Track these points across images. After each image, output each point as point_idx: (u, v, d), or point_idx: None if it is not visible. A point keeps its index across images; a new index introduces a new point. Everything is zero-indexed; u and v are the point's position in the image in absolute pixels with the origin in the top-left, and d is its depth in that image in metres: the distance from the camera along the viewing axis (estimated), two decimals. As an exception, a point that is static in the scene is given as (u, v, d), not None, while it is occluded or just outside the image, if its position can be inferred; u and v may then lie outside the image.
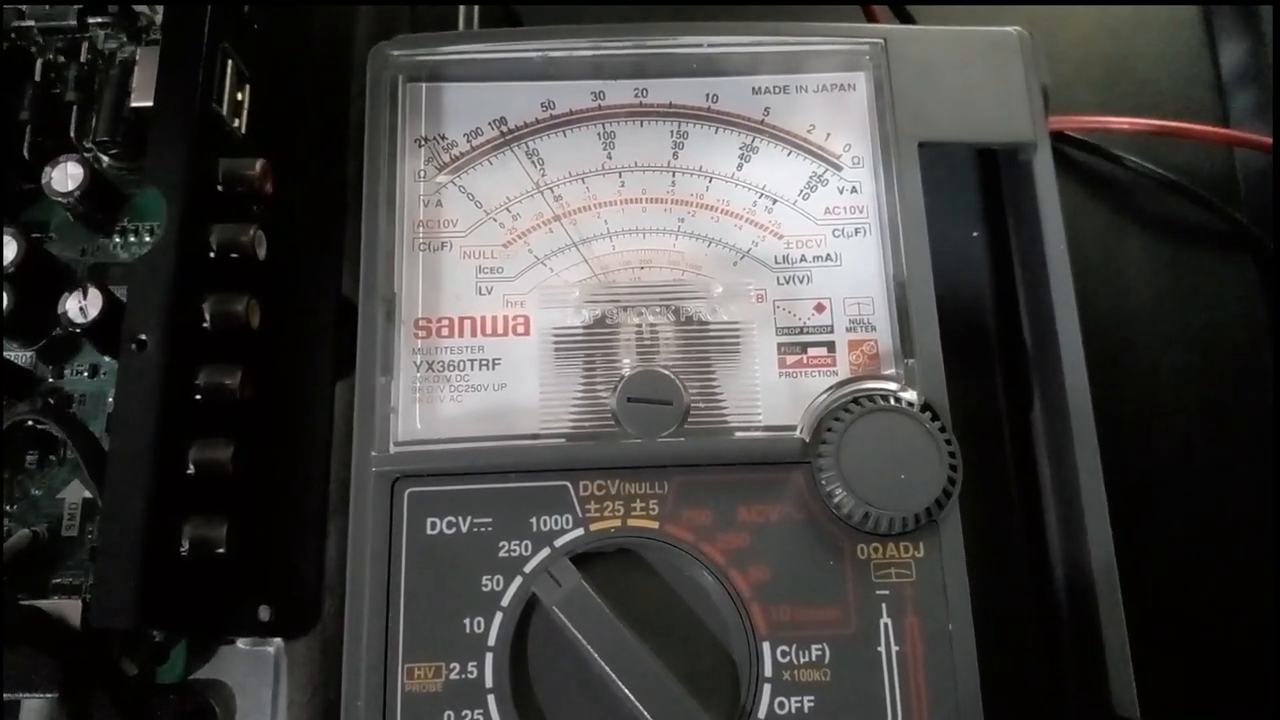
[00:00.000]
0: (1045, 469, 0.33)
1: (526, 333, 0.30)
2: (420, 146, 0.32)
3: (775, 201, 0.31)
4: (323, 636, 0.31)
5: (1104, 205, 0.39)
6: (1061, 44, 0.40)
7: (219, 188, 0.32)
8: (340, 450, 0.32)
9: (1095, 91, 0.40)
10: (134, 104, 0.32)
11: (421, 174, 0.31)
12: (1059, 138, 0.38)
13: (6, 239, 0.30)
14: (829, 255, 0.31)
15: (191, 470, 0.29)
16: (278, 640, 0.31)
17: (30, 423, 0.30)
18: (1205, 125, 0.39)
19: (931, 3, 0.40)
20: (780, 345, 0.30)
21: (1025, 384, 0.34)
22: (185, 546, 0.29)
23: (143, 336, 0.29)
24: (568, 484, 0.28)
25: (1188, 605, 0.35)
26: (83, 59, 0.33)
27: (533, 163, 0.32)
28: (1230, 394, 0.37)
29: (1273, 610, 0.35)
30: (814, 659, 0.27)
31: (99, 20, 0.34)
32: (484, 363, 0.30)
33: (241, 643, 0.31)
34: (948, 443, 0.28)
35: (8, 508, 0.30)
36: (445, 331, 0.30)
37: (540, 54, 0.32)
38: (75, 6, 0.33)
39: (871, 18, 0.38)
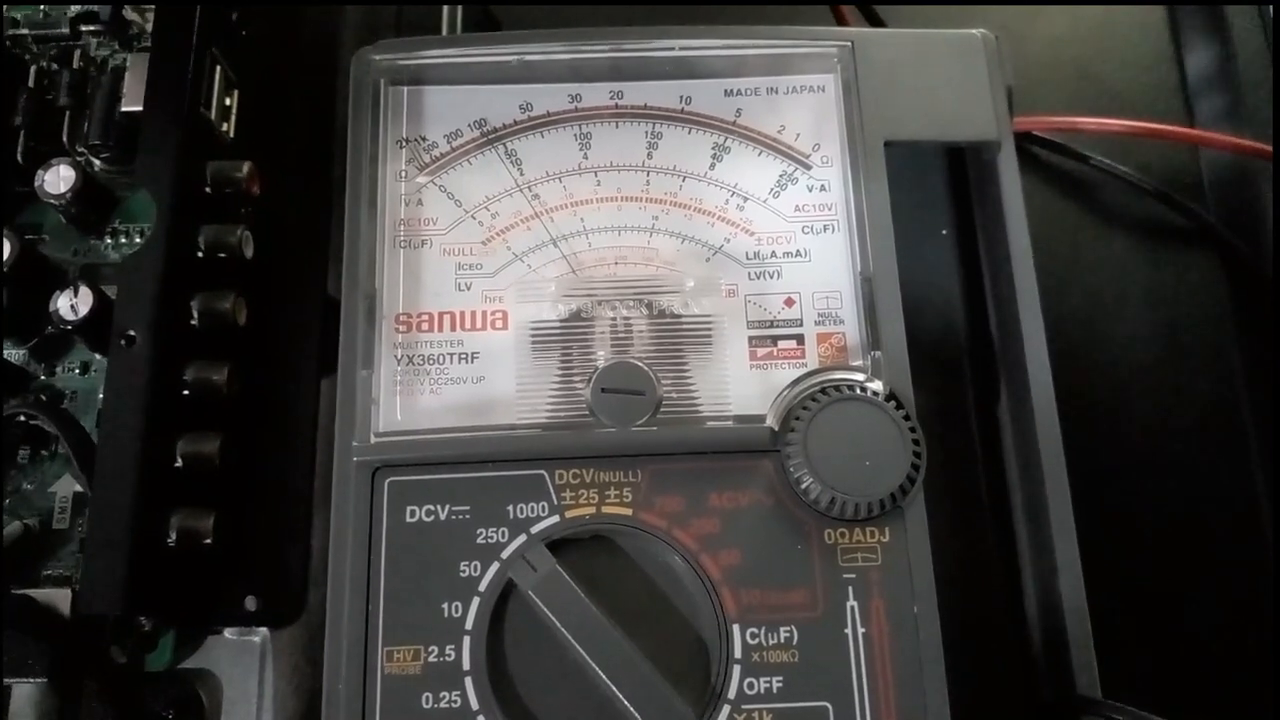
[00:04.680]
0: (1012, 462, 0.34)
1: (504, 327, 0.31)
2: (402, 148, 0.32)
3: (746, 200, 0.32)
4: (308, 626, 0.31)
5: (1072, 203, 0.40)
6: (1030, 47, 0.41)
7: (207, 190, 0.32)
8: (325, 444, 0.32)
9: (1063, 94, 0.41)
10: (125, 109, 0.33)
11: (403, 174, 0.32)
12: (1027, 138, 0.39)
13: (0, 240, 0.31)
14: (798, 251, 0.32)
15: (179, 463, 0.30)
16: (264, 630, 0.31)
17: (22, 418, 0.31)
18: (1205, 131, 0.40)
19: (903, 2, 0.41)
20: (751, 338, 0.31)
21: (993, 379, 0.34)
22: (173, 537, 0.29)
23: (132, 332, 0.30)
24: (544, 473, 0.29)
25: (1153, 592, 0.35)
26: (75, 65, 0.34)
27: (511, 163, 0.32)
28: (1196, 389, 0.38)
29: (1236, 597, 0.35)
30: (782, 641, 0.28)
31: (91, 28, 0.35)
32: (463, 356, 0.30)
33: (228, 632, 0.31)
34: (912, 430, 0.29)
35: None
36: (425, 326, 0.31)
37: (519, 58, 0.33)
38: (70, 13, 0.34)
39: (841, 21, 0.38)
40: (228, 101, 0.34)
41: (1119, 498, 0.36)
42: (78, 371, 0.32)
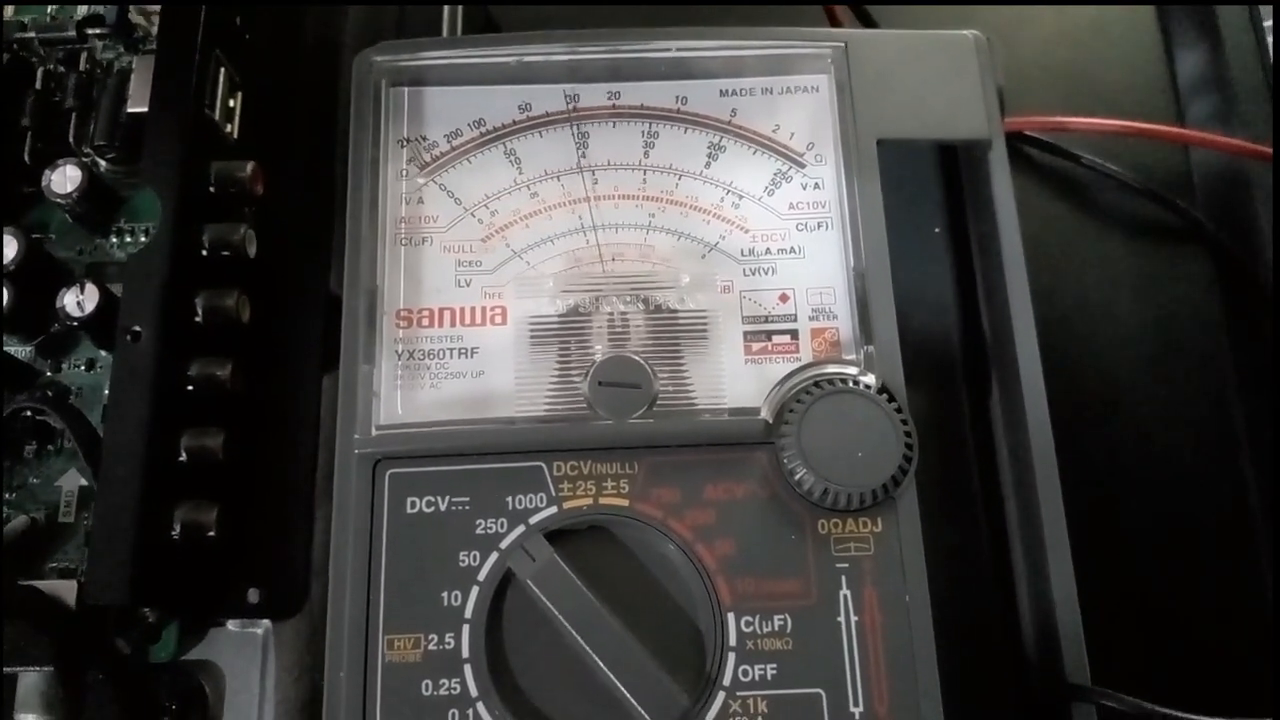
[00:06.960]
0: (1004, 456, 0.34)
1: (503, 322, 0.31)
2: (403, 147, 0.33)
3: (742, 197, 0.33)
4: (310, 619, 0.32)
5: (1063, 202, 0.40)
6: (1021, 48, 0.42)
7: (211, 189, 0.33)
8: (327, 438, 0.33)
9: (1054, 94, 0.41)
10: (130, 110, 0.33)
11: (404, 173, 0.33)
12: (1018, 137, 0.39)
13: (7, 239, 0.31)
14: (792, 248, 0.32)
15: (183, 457, 0.30)
16: (266, 622, 0.32)
17: (29, 413, 0.31)
18: (1195, 131, 0.41)
19: (896, 2, 0.41)
20: (746, 333, 0.31)
21: (985, 374, 0.35)
22: (177, 530, 0.30)
23: (137, 329, 0.30)
24: (542, 464, 0.29)
25: (1143, 587, 0.35)
26: (82, 68, 0.35)
27: (510, 162, 0.33)
28: (1187, 386, 0.38)
29: (1227, 594, 0.36)
30: (776, 629, 0.28)
31: (97, 31, 0.35)
32: (462, 351, 0.31)
33: (231, 624, 0.32)
34: (904, 423, 0.29)
35: (7, 495, 0.31)
36: (425, 322, 0.31)
37: (517, 59, 0.33)
38: (76, 16, 0.35)
39: (835, 21, 0.39)
40: (231, 103, 0.35)
41: (1110, 492, 0.36)
42: (83, 368, 0.33)
